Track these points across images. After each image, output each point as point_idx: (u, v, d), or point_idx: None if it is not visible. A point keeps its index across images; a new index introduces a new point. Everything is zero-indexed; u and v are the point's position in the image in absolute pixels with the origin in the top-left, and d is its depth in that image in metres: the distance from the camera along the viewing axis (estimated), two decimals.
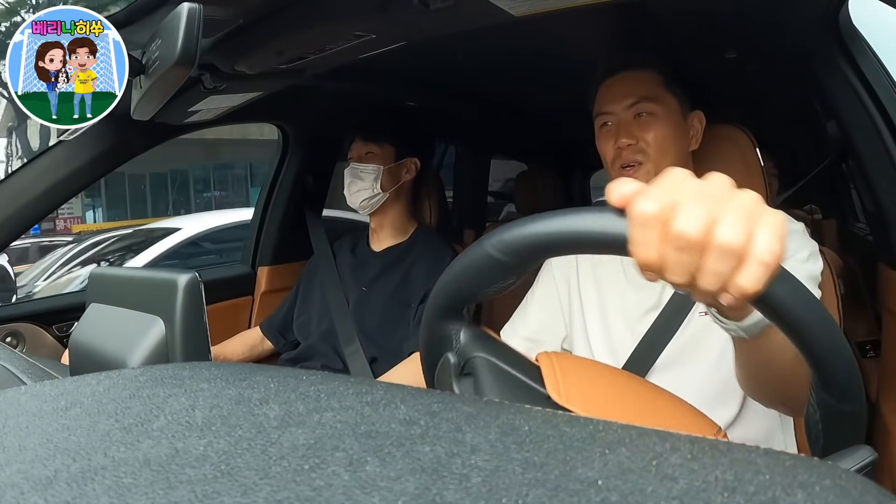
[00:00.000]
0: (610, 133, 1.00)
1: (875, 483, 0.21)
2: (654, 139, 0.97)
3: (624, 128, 0.98)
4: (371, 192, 1.47)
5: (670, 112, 1.00)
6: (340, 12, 0.90)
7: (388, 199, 1.50)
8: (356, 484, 0.20)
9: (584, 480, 0.20)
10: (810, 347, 0.44)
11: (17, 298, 1.50)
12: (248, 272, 1.83)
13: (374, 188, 1.47)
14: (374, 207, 1.50)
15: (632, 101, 0.99)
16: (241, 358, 1.56)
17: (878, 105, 1.06)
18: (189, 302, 0.63)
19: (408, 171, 1.52)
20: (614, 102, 1.00)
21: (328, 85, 1.41)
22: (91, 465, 0.22)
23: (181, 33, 0.74)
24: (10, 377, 0.60)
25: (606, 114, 1.01)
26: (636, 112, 0.99)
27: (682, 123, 1.02)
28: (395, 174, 1.50)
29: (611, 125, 1.00)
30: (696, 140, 1.04)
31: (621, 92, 1.00)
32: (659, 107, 0.99)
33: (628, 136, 0.97)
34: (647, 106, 0.98)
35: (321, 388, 0.31)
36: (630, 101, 0.99)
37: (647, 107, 0.98)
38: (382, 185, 1.47)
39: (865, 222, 1.85)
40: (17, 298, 1.48)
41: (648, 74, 1.01)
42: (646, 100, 0.98)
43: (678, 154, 1.00)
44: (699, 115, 1.04)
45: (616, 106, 1.00)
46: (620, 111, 0.99)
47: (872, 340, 1.43)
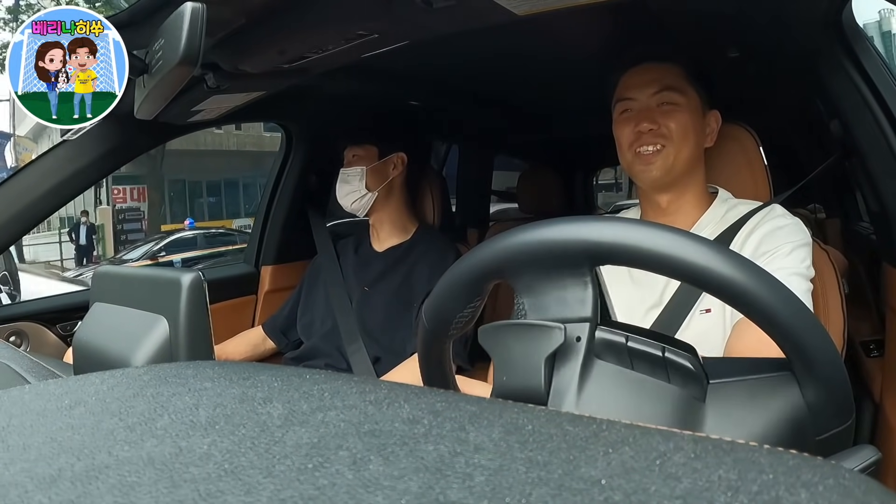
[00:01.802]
0: (630, 118, 1.00)
1: (879, 483, 0.21)
2: (676, 126, 0.98)
3: (646, 114, 0.98)
4: (358, 193, 1.49)
5: (692, 105, 1.00)
6: (343, 12, 0.90)
7: (379, 198, 1.51)
8: (360, 483, 0.20)
9: (587, 479, 0.20)
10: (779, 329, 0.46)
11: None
12: (252, 271, 1.83)
13: (360, 189, 1.49)
14: (365, 208, 1.51)
15: (657, 89, 0.99)
16: (243, 357, 1.57)
17: (882, 104, 1.06)
18: (193, 301, 0.63)
19: (394, 167, 1.53)
20: (638, 89, 1.00)
21: (331, 84, 1.41)
22: (95, 463, 0.22)
23: (184, 33, 0.74)
24: (14, 376, 0.60)
25: (629, 100, 1.01)
26: (660, 100, 0.99)
27: (701, 119, 1.02)
28: (381, 172, 1.51)
29: (632, 111, 1.01)
30: (711, 138, 1.04)
31: (646, 80, 1.00)
32: (682, 98, 0.99)
33: (650, 122, 0.97)
34: (671, 95, 0.99)
35: (324, 387, 0.31)
36: (655, 89, 0.99)
37: (671, 96, 0.99)
38: (368, 184, 1.49)
39: (869, 221, 1.85)
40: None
41: (673, 67, 1.01)
42: (670, 89, 0.99)
43: (696, 146, 1.01)
44: (716, 115, 1.05)
45: (640, 93, 1.00)
46: (644, 98, 1.00)
47: (876, 340, 1.43)
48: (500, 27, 0.91)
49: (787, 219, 0.95)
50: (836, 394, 0.47)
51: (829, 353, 0.46)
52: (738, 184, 1.09)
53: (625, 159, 1.03)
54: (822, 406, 0.47)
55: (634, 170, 1.01)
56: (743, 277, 0.45)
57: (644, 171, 0.99)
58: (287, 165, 1.82)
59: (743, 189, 1.08)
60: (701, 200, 1.04)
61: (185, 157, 16.07)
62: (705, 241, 0.47)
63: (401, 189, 1.56)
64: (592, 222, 0.49)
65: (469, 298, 0.57)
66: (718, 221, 1.00)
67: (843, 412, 0.48)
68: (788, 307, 0.45)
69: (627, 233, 0.47)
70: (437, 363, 0.63)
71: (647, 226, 0.48)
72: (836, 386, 0.47)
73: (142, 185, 15.95)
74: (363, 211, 1.52)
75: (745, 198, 1.05)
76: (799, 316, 0.45)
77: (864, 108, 1.07)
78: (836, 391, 0.47)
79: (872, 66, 1.07)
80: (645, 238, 0.47)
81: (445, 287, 0.57)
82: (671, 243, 0.46)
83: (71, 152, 1.27)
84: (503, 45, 1.22)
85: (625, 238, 0.47)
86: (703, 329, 0.92)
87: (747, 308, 0.46)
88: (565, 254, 0.49)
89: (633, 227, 0.48)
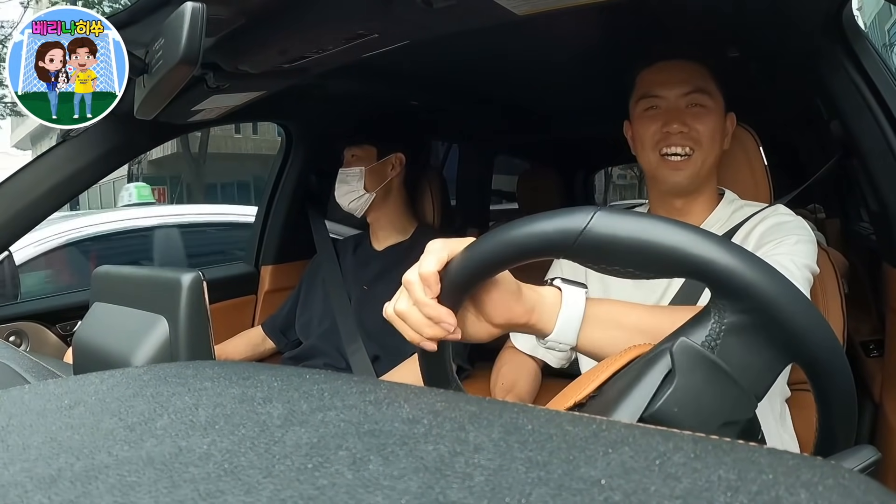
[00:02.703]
0: (656, 116, 0.98)
1: (879, 483, 0.21)
2: (704, 130, 0.96)
3: (675, 114, 0.96)
4: (356, 193, 1.49)
5: (718, 108, 0.99)
6: (343, 11, 0.89)
7: (377, 198, 1.51)
8: (359, 483, 0.20)
9: (587, 479, 0.20)
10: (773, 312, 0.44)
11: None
12: (252, 271, 1.84)
13: (358, 189, 1.49)
14: (363, 208, 1.51)
15: (687, 90, 0.97)
16: (243, 357, 1.57)
17: (882, 104, 1.06)
18: (192, 301, 0.63)
19: (393, 167, 1.53)
20: (667, 87, 0.98)
21: (331, 84, 1.41)
22: (95, 463, 0.22)
23: (184, 33, 0.74)
24: (13, 376, 0.60)
25: (656, 97, 0.99)
26: (690, 101, 0.97)
27: (724, 122, 1.01)
28: (379, 172, 1.51)
29: (658, 108, 0.98)
30: (728, 141, 1.03)
31: (677, 79, 0.98)
32: (711, 101, 0.98)
33: (680, 123, 0.95)
34: (700, 97, 0.97)
35: (324, 386, 0.31)
36: (686, 90, 0.97)
37: (701, 98, 0.97)
38: (366, 185, 1.49)
39: (869, 222, 1.85)
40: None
41: (701, 67, 0.99)
42: (700, 91, 0.97)
43: (719, 150, 1.00)
44: (732, 117, 1.04)
45: (669, 91, 0.98)
46: (673, 97, 0.98)
47: (876, 340, 1.43)
48: (500, 27, 0.91)
49: (793, 216, 0.94)
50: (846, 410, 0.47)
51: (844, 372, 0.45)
52: (739, 184, 1.09)
53: (648, 159, 1.00)
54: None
55: (660, 173, 0.99)
56: (754, 273, 0.44)
57: (671, 176, 0.98)
58: (287, 165, 1.82)
59: (743, 189, 1.08)
60: (711, 201, 1.03)
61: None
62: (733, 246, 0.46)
63: (399, 189, 1.56)
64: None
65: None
66: (725, 221, 1.00)
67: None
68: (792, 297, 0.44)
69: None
70: (437, 361, 0.63)
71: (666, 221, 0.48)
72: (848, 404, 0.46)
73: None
74: (360, 211, 1.52)
75: (746, 198, 1.05)
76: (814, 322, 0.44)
77: (864, 108, 1.07)
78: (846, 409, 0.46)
79: (872, 66, 1.07)
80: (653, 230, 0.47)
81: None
82: (678, 236, 0.45)
83: (71, 152, 1.27)
84: (503, 45, 1.22)
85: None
86: None
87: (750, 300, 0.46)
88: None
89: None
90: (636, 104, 1.02)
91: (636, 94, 1.02)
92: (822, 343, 0.44)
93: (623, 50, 1.08)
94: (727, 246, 0.44)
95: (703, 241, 0.44)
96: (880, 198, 1.13)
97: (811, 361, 0.44)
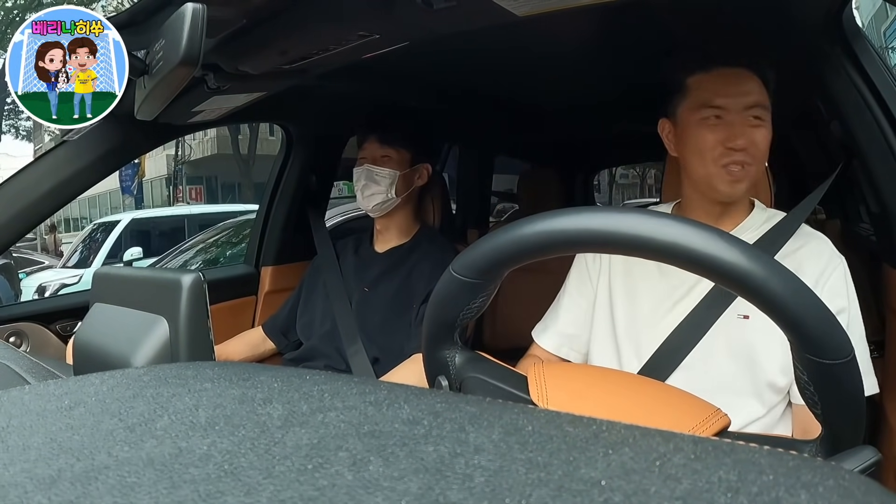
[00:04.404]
0: (718, 128, 0.96)
1: (879, 483, 0.21)
2: (762, 144, 0.95)
3: (739, 130, 0.94)
4: (385, 196, 1.46)
5: (770, 120, 0.97)
6: (344, 12, 0.90)
7: (398, 204, 1.50)
8: (359, 484, 0.20)
9: (587, 480, 0.20)
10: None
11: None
12: (252, 272, 1.83)
13: (388, 193, 1.46)
14: (384, 211, 1.49)
15: (751, 104, 0.95)
16: (243, 358, 1.56)
17: (883, 106, 1.06)
18: (193, 302, 0.63)
19: (420, 176, 1.52)
20: (731, 98, 0.96)
21: (332, 85, 1.41)
22: (95, 464, 0.22)
23: (185, 33, 0.74)
24: (13, 376, 0.60)
25: (719, 108, 0.96)
26: (752, 115, 0.95)
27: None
28: (408, 179, 1.50)
29: (721, 120, 0.96)
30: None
31: (742, 90, 0.96)
32: (767, 114, 0.97)
33: (745, 139, 0.94)
34: (761, 112, 0.96)
35: (324, 387, 0.31)
36: (750, 103, 0.95)
37: (761, 112, 0.96)
38: (397, 190, 1.47)
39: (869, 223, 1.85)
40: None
41: (758, 78, 0.97)
42: (761, 106, 0.96)
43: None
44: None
45: (734, 102, 0.96)
46: (736, 109, 0.95)
47: (876, 340, 1.43)
48: (501, 28, 0.91)
49: (839, 257, 0.95)
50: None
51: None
52: None
53: (705, 169, 0.97)
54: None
55: (717, 183, 0.97)
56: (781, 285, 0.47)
57: (729, 188, 0.96)
58: (287, 166, 1.82)
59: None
60: (746, 207, 1.04)
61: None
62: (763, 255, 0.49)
63: (415, 197, 1.56)
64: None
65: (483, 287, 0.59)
66: (759, 227, 1.00)
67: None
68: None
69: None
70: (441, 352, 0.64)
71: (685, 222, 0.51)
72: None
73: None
74: (379, 213, 1.49)
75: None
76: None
77: (865, 110, 1.07)
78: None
79: (872, 66, 1.07)
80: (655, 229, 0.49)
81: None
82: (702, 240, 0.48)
83: (71, 152, 1.27)
84: (503, 46, 1.22)
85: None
86: (740, 336, 0.90)
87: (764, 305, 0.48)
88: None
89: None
90: (693, 111, 0.98)
91: (692, 100, 0.99)
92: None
93: (623, 50, 1.08)
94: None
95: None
96: (880, 199, 1.13)
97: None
